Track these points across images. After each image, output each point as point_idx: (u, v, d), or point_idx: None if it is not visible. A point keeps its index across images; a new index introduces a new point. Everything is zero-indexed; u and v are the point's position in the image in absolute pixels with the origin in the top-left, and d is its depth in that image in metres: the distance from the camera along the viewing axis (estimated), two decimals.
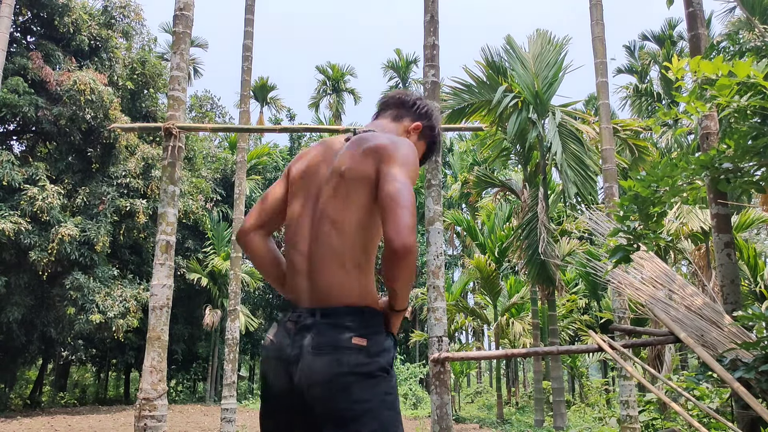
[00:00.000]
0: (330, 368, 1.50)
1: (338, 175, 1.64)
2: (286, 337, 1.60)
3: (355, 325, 1.57)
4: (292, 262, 1.68)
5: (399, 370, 22.07)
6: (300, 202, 1.72)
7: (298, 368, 1.53)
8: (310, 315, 1.58)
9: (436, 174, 4.79)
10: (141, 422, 4.17)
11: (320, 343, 1.53)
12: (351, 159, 1.65)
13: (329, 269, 1.61)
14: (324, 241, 1.62)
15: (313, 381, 1.51)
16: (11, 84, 14.76)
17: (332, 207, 1.63)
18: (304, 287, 1.64)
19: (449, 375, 4.54)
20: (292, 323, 1.61)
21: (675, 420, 7.39)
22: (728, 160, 3.25)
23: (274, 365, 1.61)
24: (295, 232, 1.70)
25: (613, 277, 4.33)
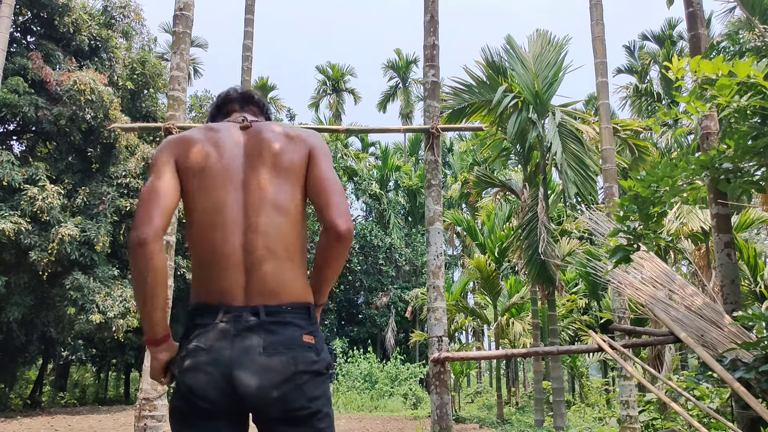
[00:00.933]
0: (286, 368, 1.42)
1: (272, 162, 1.57)
2: (221, 339, 1.42)
3: (304, 323, 1.50)
4: (220, 256, 1.49)
5: (399, 370, 22.08)
6: (220, 191, 1.54)
7: (243, 372, 1.39)
8: (252, 314, 1.44)
9: (436, 174, 4.79)
10: (141, 422, 4.18)
11: (272, 343, 1.43)
12: (282, 145, 1.60)
13: (275, 262, 1.49)
14: (268, 231, 1.50)
15: (267, 383, 1.40)
16: (11, 84, 14.76)
17: (276, 194, 1.54)
18: (238, 283, 1.47)
19: (449, 375, 4.54)
20: (227, 324, 1.43)
21: (675, 420, 7.39)
22: (728, 160, 3.25)
23: (209, 372, 1.40)
24: (220, 224, 1.51)
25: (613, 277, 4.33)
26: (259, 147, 1.60)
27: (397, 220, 30.40)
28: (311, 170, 1.59)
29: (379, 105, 39.21)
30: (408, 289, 27.84)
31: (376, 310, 27.88)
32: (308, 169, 1.59)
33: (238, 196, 1.54)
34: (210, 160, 1.58)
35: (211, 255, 1.50)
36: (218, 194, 1.54)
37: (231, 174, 1.56)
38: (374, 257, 28.33)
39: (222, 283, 1.48)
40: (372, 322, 28.04)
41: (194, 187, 1.56)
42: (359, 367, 22.31)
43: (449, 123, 12.09)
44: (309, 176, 1.59)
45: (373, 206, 31.74)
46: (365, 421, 15.62)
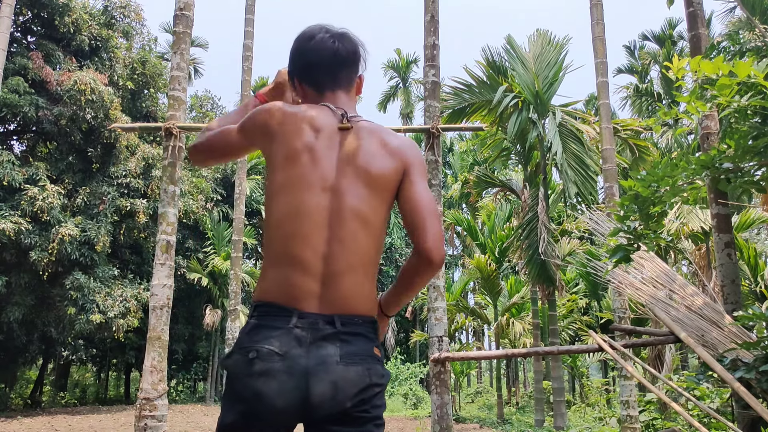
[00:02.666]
0: (362, 378, 1.38)
1: (365, 171, 1.48)
2: (297, 347, 1.36)
3: (374, 336, 1.48)
4: (296, 258, 1.42)
5: (399, 369, 22.08)
6: (305, 193, 1.45)
7: (320, 383, 1.34)
8: (328, 323, 1.39)
9: (436, 174, 4.79)
10: (141, 422, 4.17)
11: (350, 353, 1.38)
12: (378, 156, 1.51)
13: (353, 275, 1.44)
14: (350, 243, 1.44)
15: (343, 394, 1.35)
16: (12, 84, 14.76)
17: (365, 205, 1.47)
18: (312, 290, 1.41)
19: (449, 375, 4.54)
20: (303, 331, 1.37)
21: (675, 420, 7.39)
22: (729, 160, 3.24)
23: (283, 379, 1.33)
24: (302, 227, 1.44)
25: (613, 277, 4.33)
26: (355, 152, 1.50)
27: (398, 220, 30.41)
28: (405, 188, 1.52)
29: (380, 105, 39.20)
30: None
31: None
32: (402, 185, 1.52)
33: (325, 200, 1.46)
34: (306, 146, 1.48)
35: (290, 258, 1.44)
36: (305, 195, 1.46)
37: (323, 175, 1.47)
38: None
39: (298, 287, 1.42)
40: None
41: (281, 177, 1.48)
42: None
43: (449, 123, 12.08)
44: (402, 194, 1.52)
45: None
46: None
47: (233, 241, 9.82)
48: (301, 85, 1.65)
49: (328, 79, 1.61)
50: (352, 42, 1.65)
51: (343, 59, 1.61)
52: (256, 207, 25.15)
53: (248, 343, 1.39)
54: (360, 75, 1.69)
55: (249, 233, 23.72)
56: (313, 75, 1.62)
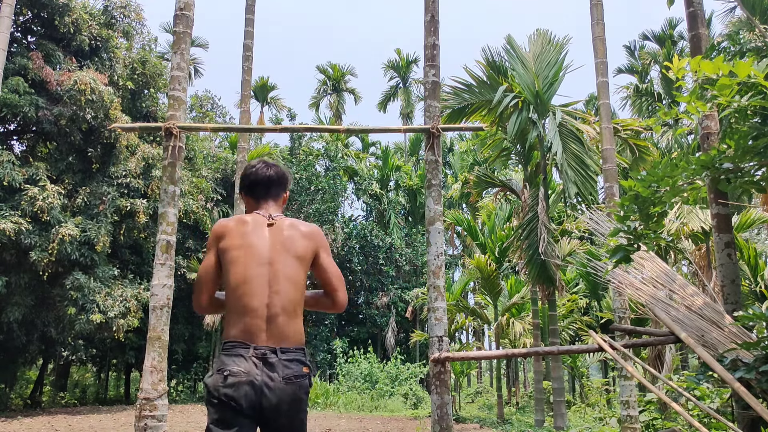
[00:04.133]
0: (295, 392, 2.15)
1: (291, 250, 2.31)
2: (254, 368, 2.12)
3: (304, 359, 2.23)
4: (247, 308, 2.19)
5: (399, 369, 22.09)
6: (251, 266, 2.24)
7: (268, 392, 2.11)
8: (272, 353, 2.15)
9: (436, 174, 4.78)
10: (141, 422, 4.17)
11: (287, 375, 2.14)
12: (298, 240, 2.34)
13: (287, 317, 2.22)
14: (284, 295, 2.23)
15: (282, 401, 2.12)
16: (12, 84, 14.75)
17: (292, 271, 2.28)
18: (261, 328, 2.18)
19: (449, 375, 4.54)
20: (257, 358, 2.13)
21: (675, 420, 7.38)
22: (729, 160, 3.24)
23: (246, 388, 2.10)
24: (251, 288, 2.21)
25: (613, 277, 4.33)
26: (280, 238, 2.33)
27: (398, 220, 30.39)
28: (319, 262, 2.38)
29: (380, 105, 39.21)
30: (408, 289, 27.83)
31: (377, 310, 27.87)
32: (315, 260, 2.37)
33: (264, 270, 2.25)
34: (244, 247, 2.28)
35: (244, 308, 2.20)
36: (246, 268, 2.24)
37: (258, 255, 2.26)
38: (374, 257, 28.32)
39: (251, 328, 2.18)
40: (372, 322, 28.04)
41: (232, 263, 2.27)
42: (360, 367, 22.31)
43: (449, 123, 12.08)
44: (317, 266, 2.38)
45: (373, 206, 31.74)
46: (365, 421, 15.62)
47: None
48: (246, 197, 2.53)
49: (262, 193, 2.50)
50: (280, 171, 2.57)
51: (273, 181, 2.52)
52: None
53: (222, 366, 2.15)
54: (286, 192, 2.59)
55: None
56: (253, 190, 2.51)
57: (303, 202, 26.87)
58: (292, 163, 28.39)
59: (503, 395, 19.45)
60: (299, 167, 28.03)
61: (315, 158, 29.50)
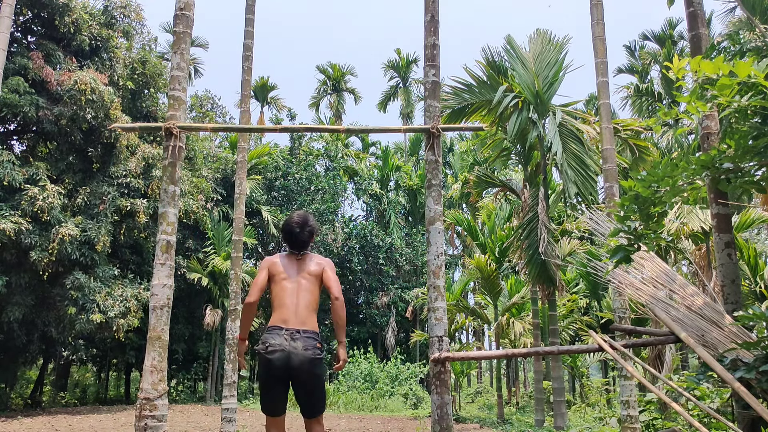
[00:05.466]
0: (311, 355, 3.55)
1: (308, 273, 3.82)
2: (284, 341, 3.54)
3: (317, 337, 3.66)
4: (285, 306, 3.68)
5: (399, 369, 22.09)
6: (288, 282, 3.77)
7: (294, 355, 3.51)
8: (297, 332, 3.59)
9: (436, 174, 4.78)
10: (141, 422, 4.17)
11: (306, 345, 3.56)
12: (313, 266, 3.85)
13: (306, 312, 3.69)
14: (304, 299, 3.73)
15: (303, 360, 3.52)
16: (12, 84, 14.75)
17: (309, 285, 3.78)
18: (292, 319, 3.64)
19: (449, 375, 4.53)
20: (287, 334, 3.57)
21: (675, 420, 7.38)
22: (729, 160, 3.24)
23: (279, 354, 3.50)
24: (287, 294, 3.72)
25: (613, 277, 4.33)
26: (304, 267, 3.86)
27: (398, 220, 30.39)
28: (324, 274, 3.83)
29: (380, 105, 39.20)
30: (408, 288, 27.82)
31: (377, 310, 27.86)
32: (323, 274, 3.82)
33: (295, 286, 3.76)
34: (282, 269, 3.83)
35: (281, 306, 3.70)
36: (284, 283, 3.78)
37: (292, 277, 3.80)
38: (375, 257, 28.31)
39: (284, 318, 3.66)
40: (372, 322, 28.03)
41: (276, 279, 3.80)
42: (360, 367, 22.31)
43: (449, 123, 12.08)
44: (323, 276, 3.82)
45: (373, 206, 31.73)
46: (366, 421, 15.62)
47: (233, 241, 9.82)
48: (285, 243, 3.95)
49: (296, 247, 3.92)
50: (308, 226, 3.92)
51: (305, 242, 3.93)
52: (256, 207, 25.14)
53: (266, 340, 3.57)
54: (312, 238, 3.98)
55: (249, 233, 23.71)
56: (290, 243, 3.94)
57: (303, 202, 26.87)
58: (292, 163, 28.40)
59: (503, 395, 19.45)
60: (299, 167, 28.03)
61: (315, 158, 29.51)
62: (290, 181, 27.69)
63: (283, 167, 28.09)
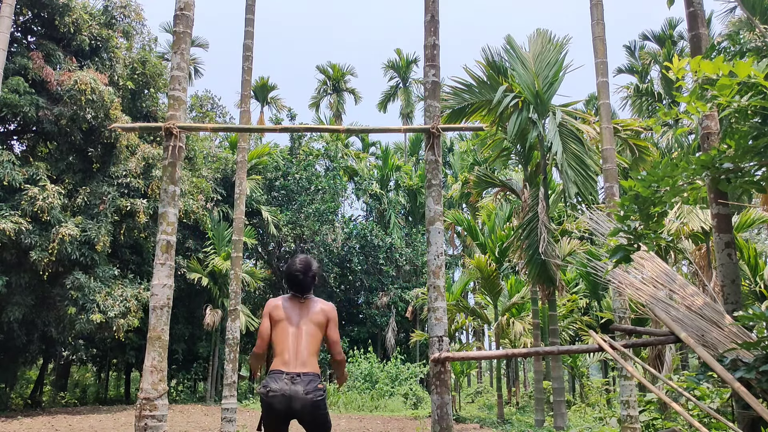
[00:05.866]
0: (312, 398, 3.51)
1: (311, 320, 3.74)
2: (284, 386, 3.50)
3: (318, 380, 3.61)
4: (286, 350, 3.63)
5: (399, 369, 22.10)
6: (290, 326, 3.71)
7: (295, 399, 3.48)
8: (297, 376, 3.54)
9: (436, 174, 4.78)
10: (141, 422, 4.17)
11: (307, 389, 3.51)
12: (317, 313, 3.78)
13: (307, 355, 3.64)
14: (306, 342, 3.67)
15: (304, 404, 3.49)
16: (12, 84, 14.75)
17: (312, 330, 3.72)
18: (292, 362, 3.59)
19: (449, 375, 4.53)
20: (288, 378, 3.52)
21: (675, 420, 7.39)
22: (729, 160, 3.24)
23: (280, 398, 3.48)
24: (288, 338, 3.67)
25: (613, 277, 4.33)
26: (307, 311, 3.78)
27: (398, 220, 30.38)
28: (328, 329, 3.79)
29: (380, 105, 39.20)
30: (408, 288, 27.82)
31: (377, 310, 27.86)
32: (327, 328, 3.78)
33: (297, 330, 3.70)
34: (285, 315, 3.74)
35: (282, 350, 3.64)
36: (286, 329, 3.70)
37: (294, 321, 3.73)
38: (375, 257, 28.31)
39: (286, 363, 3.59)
40: (372, 322, 28.03)
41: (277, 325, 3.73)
42: (360, 366, 22.31)
43: (449, 123, 12.07)
44: (326, 331, 3.78)
45: (373, 206, 31.73)
46: (366, 421, 15.62)
47: (233, 241, 9.82)
48: (288, 287, 3.90)
49: (298, 289, 3.84)
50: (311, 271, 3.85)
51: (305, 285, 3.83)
52: (256, 207, 25.13)
53: (267, 385, 3.54)
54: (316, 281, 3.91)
55: (249, 233, 23.70)
56: (292, 287, 3.86)
57: (303, 202, 26.87)
58: (292, 163, 28.40)
59: (503, 395, 19.44)
60: (299, 167, 28.03)
61: (315, 158, 29.50)
62: (290, 181, 27.69)
63: (283, 167, 28.09)
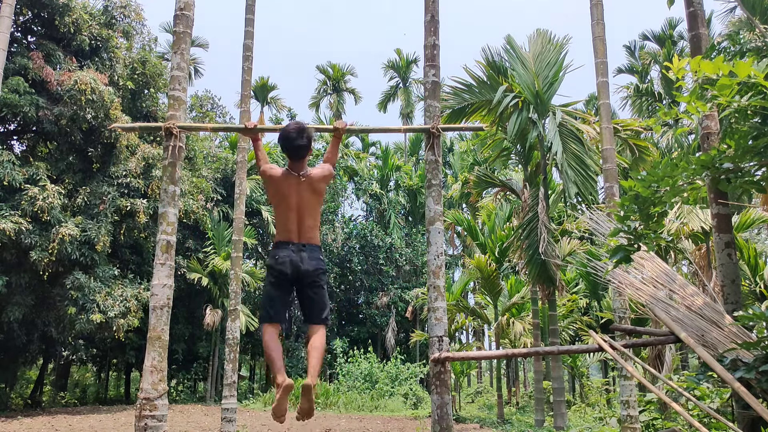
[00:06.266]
0: (316, 264, 3.80)
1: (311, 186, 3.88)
2: (292, 253, 3.75)
3: (319, 250, 3.91)
4: (290, 222, 3.82)
5: (399, 369, 22.10)
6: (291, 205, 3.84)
7: (301, 263, 3.73)
8: (303, 245, 3.79)
9: (436, 174, 4.78)
10: (141, 422, 4.17)
11: (311, 256, 3.79)
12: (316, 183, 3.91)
13: (309, 227, 3.85)
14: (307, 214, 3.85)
15: (308, 269, 3.75)
16: (12, 84, 14.75)
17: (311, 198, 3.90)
18: (295, 233, 3.80)
19: (449, 375, 4.53)
20: (294, 247, 3.77)
21: (675, 420, 7.39)
22: (729, 160, 3.24)
23: (288, 262, 3.73)
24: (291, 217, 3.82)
25: (613, 277, 4.33)
26: (306, 182, 3.87)
27: (398, 220, 30.38)
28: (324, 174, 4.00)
29: (380, 105, 39.19)
30: (408, 288, 27.81)
31: (377, 310, 27.86)
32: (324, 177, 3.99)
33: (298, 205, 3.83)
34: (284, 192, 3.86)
35: (285, 221, 3.84)
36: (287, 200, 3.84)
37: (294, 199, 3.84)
38: (374, 257, 28.31)
39: (290, 234, 3.81)
40: (372, 322, 28.02)
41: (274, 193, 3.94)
42: (360, 366, 22.30)
43: (449, 123, 12.07)
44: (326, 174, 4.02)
45: (373, 206, 31.73)
46: (366, 420, 15.62)
47: (233, 240, 9.82)
48: (284, 151, 3.97)
49: (294, 153, 3.92)
50: (306, 135, 3.90)
51: (301, 146, 3.89)
52: (256, 207, 25.13)
53: (275, 254, 3.80)
54: (310, 149, 3.99)
55: (249, 233, 23.70)
56: (287, 150, 3.93)
57: None
58: None
59: (503, 395, 19.44)
60: None
61: (315, 158, 29.49)
62: None
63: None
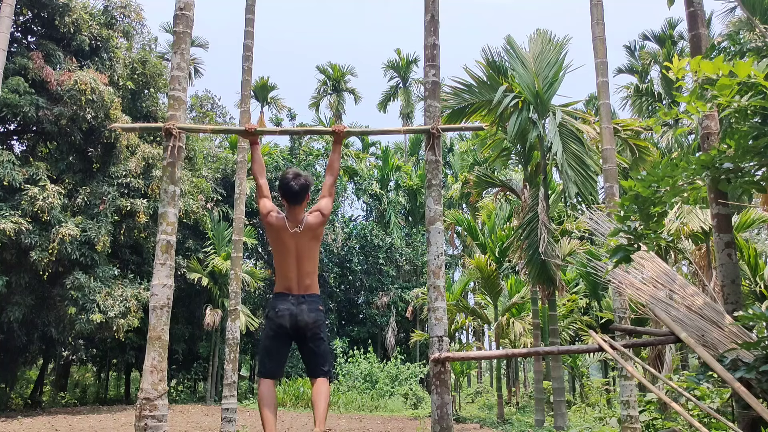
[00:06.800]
0: (315, 317, 3.79)
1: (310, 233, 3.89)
2: (291, 306, 3.75)
3: (320, 301, 3.90)
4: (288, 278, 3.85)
5: (399, 369, 22.10)
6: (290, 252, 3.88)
7: (300, 317, 3.73)
8: (302, 297, 3.80)
9: (436, 174, 4.78)
10: (141, 422, 4.17)
11: (311, 308, 3.78)
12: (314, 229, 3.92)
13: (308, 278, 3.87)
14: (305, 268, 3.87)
15: (307, 322, 3.75)
16: (12, 84, 14.75)
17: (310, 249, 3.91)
18: (295, 288, 3.83)
19: (450, 375, 4.53)
20: (294, 299, 3.78)
21: (676, 420, 7.38)
22: (729, 160, 3.24)
23: (288, 315, 3.72)
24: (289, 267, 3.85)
25: (613, 277, 4.33)
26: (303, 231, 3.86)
27: (398, 220, 30.37)
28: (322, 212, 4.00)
29: (380, 105, 39.17)
30: (408, 288, 27.81)
31: (377, 310, 27.85)
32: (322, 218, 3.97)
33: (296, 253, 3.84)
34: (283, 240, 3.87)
35: (285, 268, 3.86)
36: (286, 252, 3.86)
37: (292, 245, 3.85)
38: (375, 257, 28.31)
39: (289, 286, 3.84)
40: (372, 322, 28.02)
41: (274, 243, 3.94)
42: (360, 367, 22.30)
43: (449, 123, 12.06)
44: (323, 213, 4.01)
45: (373, 206, 31.72)
46: (366, 421, 15.62)
47: (233, 241, 9.82)
48: (282, 197, 3.95)
49: (292, 199, 3.91)
50: (303, 181, 3.93)
51: (298, 192, 3.90)
52: (256, 207, 25.04)
53: (275, 306, 3.79)
54: (308, 194, 3.95)
55: (249, 233, 23.70)
56: (285, 196, 3.93)
57: None
58: (292, 163, 28.39)
59: (503, 395, 19.44)
60: (299, 167, 28.03)
61: (315, 158, 29.50)
62: None
63: (283, 167, 28.08)
